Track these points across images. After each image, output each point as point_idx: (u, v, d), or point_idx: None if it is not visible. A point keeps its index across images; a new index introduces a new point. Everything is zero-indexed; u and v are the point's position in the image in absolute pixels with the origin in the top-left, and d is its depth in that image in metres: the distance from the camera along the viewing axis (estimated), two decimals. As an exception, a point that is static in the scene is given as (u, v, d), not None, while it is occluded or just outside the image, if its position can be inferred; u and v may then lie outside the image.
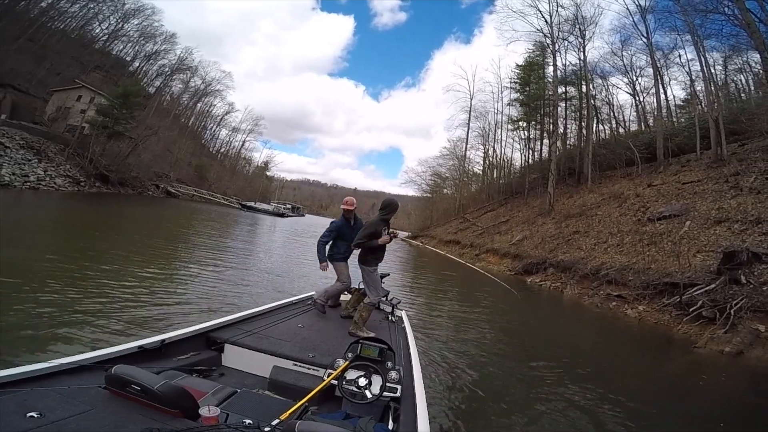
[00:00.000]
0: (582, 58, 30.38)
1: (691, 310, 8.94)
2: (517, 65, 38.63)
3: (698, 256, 11.15)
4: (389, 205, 4.26)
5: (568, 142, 34.38)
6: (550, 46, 30.83)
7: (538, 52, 35.17)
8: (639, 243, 14.15)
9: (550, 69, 32.86)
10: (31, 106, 34.02)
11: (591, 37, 30.06)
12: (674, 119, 29.42)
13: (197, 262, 9.38)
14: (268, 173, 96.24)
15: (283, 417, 1.81)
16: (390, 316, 4.57)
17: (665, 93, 28.38)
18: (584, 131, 31.14)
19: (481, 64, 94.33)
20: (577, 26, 29.78)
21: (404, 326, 4.17)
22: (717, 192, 15.09)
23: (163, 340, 2.62)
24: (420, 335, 6.12)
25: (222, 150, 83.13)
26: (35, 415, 1.40)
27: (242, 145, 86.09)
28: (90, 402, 1.59)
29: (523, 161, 40.54)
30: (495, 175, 44.49)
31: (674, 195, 17.02)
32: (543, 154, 36.63)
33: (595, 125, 31.52)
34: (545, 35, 31.00)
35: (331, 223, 4.66)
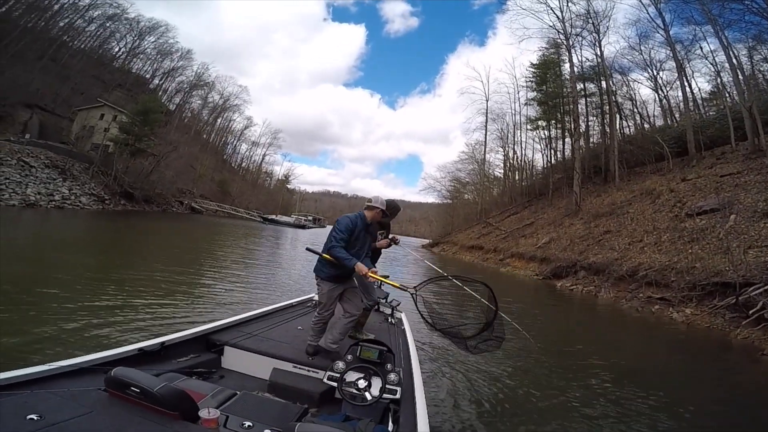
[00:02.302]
0: (598, 53, 29.61)
1: (750, 312, 8.01)
2: (532, 64, 38.01)
3: (751, 252, 10.13)
4: (387, 208, 3.91)
5: (591, 140, 33.37)
6: (564, 42, 30.14)
7: (552, 50, 34.49)
8: (679, 240, 13.13)
9: (566, 66, 32.21)
10: (57, 126, 35.31)
11: (606, 32, 29.37)
12: (702, 112, 28.14)
13: (225, 271, 9.21)
14: (288, 186, 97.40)
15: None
16: (389, 317, 4.53)
17: (690, 86, 27.35)
18: (607, 128, 30.24)
19: (495, 65, 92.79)
20: (590, 21, 29.05)
21: (404, 328, 4.10)
22: (761, 183, 14.12)
23: (163, 343, 2.61)
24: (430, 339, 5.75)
25: (243, 165, 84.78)
26: (35, 418, 1.39)
27: (262, 159, 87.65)
28: (90, 404, 1.57)
29: (545, 162, 39.57)
30: (516, 178, 43.42)
31: (712, 188, 15.93)
32: (566, 154, 35.69)
33: (618, 122, 30.46)
34: (558, 31, 30.34)
35: (347, 218, 3.28)
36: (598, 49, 29.42)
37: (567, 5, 29.16)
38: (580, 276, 15.77)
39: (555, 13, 29.63)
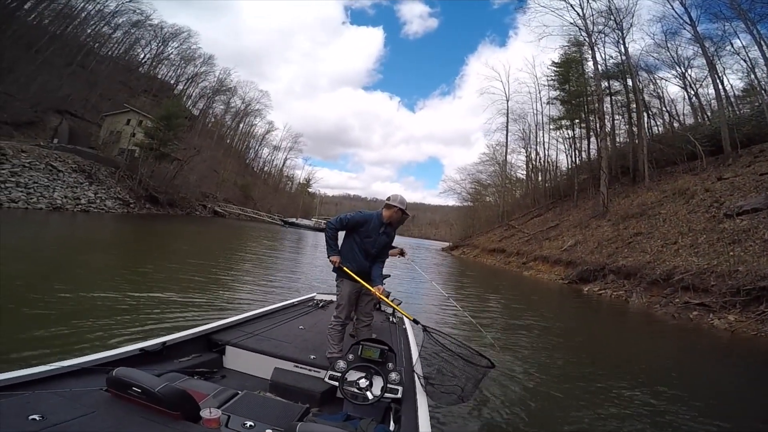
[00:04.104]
0: (623, 51, 28.72)
1: (803, 319, 7.35)
2: (554, 62, 37.05)
3: (800, 254, 9.40)
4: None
5: (617, 139, 32.30)
6: (587, 39, 29.29)
7: (574, 48, 33.58)
8: (718, 242, 12.33)
9: (589, 64, 31.41)
10: (86, 131, 36.52)
11: (629, 29, 28.38)
12: (736, 109, 26.87)
13: (243, 272, 9.14)
14: (309, 190, 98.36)
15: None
16: (391, 317, 4.50)
17: (722, 83, 26.14)
18: (634, 127, 29.29)
19: (515, 64, 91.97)
20: (612, 18, 28.11)
21: (405, 327, 4.06)
22: (806, 181, 13.16)
23: (164, 343, 2.61)
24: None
25: (265, 169, 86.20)
26: (37, 418, 1.39)
27: (284, 163, 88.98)
28: (92, 404, 1.57)
29: (569, 162, 38.47)
30: (540, 179, 42.40)
31: (753, 187, 15.03)
32: (591, 154, 34.66)
33: (646, 120, 29.39)
34: (579, 29, 29.52)
35: (362, 211, 3.37)
36: (622, 46, 28.62)
37: (588, 2, 28.37)
38: (608, 280, 15.07)
39: (575, 10, 28.88)
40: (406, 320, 4.23)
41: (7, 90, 27.92)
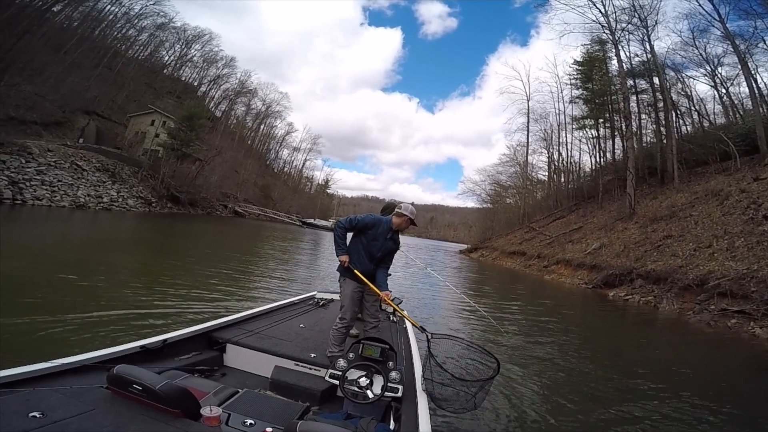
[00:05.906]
0: (648, 49, 27.77)
1: None
2: (576, 61, 36.05)
3: None
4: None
5: (644, 139, 31.21)
6: (610, 37, 28.37)
7: (597, 47, 32.64)
8: (758, 246, 11.58)
9: (613, 63, 30.58)
10: (113, 131, 37.63)
11: (654, 26, 27.34)
12: (772, 108, 25.63)
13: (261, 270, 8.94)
14: (328, 191, 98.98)
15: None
16: (391, 316, 4.48)
17: (755, 81, 24.85)
18: (662, 127, 28.24)
19: (536, 63, 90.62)
20: (636, 15, 27.15)
21: (405, 326, 4.03)
22: None
23: (165, 340, 2.61)
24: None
25: (285, 170, 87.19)
26: (37, 415, 1.39)
27: (303, 164, 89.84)
28: (92, 402, 1.57)
29: (593, 163, 37.36)
30: (562, 180, 41.33)
31: (793, 188, 14.14)
32: (616, 154, 33.56)
33: (674, 119, 28.29)
34: (602, 26, 28.60)
35: (373, 214, 3.39)
36: (647, 44, 27.68)
37: (610, -1, 27.49)
38: (636, 285, 14.40)
39: (597, 8, 28.05)
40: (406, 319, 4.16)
41: (37, 91, 28.80)
